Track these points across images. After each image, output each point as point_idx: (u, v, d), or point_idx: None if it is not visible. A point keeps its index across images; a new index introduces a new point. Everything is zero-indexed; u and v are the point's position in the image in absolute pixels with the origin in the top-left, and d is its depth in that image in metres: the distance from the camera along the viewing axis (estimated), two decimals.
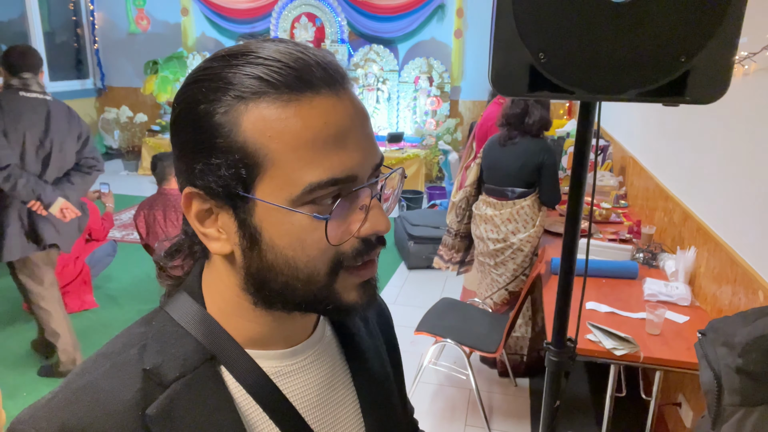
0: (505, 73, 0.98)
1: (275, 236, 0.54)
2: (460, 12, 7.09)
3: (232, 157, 0.52)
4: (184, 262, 0.66)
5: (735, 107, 2.20)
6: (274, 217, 0.54)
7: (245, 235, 0.55)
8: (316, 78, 0.53)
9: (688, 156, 2.76)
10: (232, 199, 0.54)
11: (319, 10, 7.21)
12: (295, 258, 0.54)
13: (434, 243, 4.63)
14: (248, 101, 0.52)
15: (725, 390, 0.70)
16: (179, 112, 0.55)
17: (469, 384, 2.89)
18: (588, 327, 2.10)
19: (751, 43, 1.96)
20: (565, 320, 1.32)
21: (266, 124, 0.51)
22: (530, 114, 2.97)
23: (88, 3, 8.19)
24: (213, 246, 0.57)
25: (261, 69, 0.52)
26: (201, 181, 0.54)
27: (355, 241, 0.56)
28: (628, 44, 0.92)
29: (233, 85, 0.52)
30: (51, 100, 2.86)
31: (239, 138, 0.52)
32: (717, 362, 0.72)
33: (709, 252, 2.32)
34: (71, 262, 3.79)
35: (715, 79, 0.93)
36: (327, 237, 0.53)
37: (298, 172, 0.52)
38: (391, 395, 0.75)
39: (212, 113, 0.52)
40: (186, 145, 0.55)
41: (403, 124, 7.49)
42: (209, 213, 0.57)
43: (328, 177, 0.52)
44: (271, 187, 0.53)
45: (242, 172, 0.52)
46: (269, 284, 0.56)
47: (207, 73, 0.54)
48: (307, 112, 0.52)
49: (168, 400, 0.55)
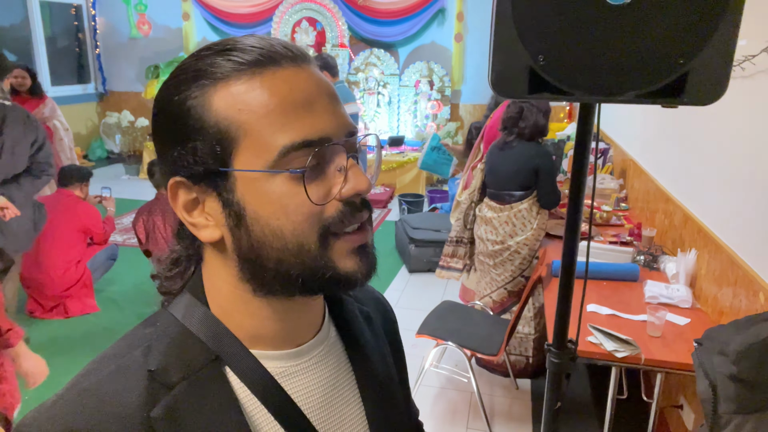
0: (505, 76, 0.99)
1: (258, 207, 0.55)
2: (461, 16, 7.11)
3: (207, 136, 0.54)
4: (183, 275, 0.65)
5: (734, 109, 2.21)
6: (254, 187, 0.55)
7: (230, 214, 0.56)
8: (278, 54, 0.56)
9: (688, 158, 2.76)
10: (213, 178, 0.56)
11: (320, 14, 7.24)
12: (281, 228, 0.55)
13: (435, 246, 4.64)
14: (217, 83, 0.54)
15: (721, 398, 0.71)
16: (157, 112, 0.58)
17: (471, 387, 2.89)
18: (589, 329, 2.11)
19: (750, 46, 1.97)
20: (565, 322, 1.32)
21: (234, 98, 0.54)
22: (524, 118, 3.00)
23: (89, 8, 8.23)
24: (203, 234, 0.58)
25: (229, 54, 0.55)
26: (181, 168, 0.56)
27: (339, 204, 0.57)
28: (626, 47, 0.93)
29: (203, 72, 0.55)
30: (9, 106, 3.02)
31: (211, 117, 0.54)
32: (713, 371, 0.72)
33: (710, 254, 2.32)
34: (73, 265, 3.79)
35: (713, 81, 0.94)
36: (307, 193, 0.54)
37: (270, 137, 0.54)
38: (395, 396, 0.75)
39: (184, 101, 0.55)
40: (164, 138, 0.57)
41: (404, 127, 7.51)
42: (196, 203, 0.58)
43: (301, 138, 0.54)
44: (247, 157, 0.54)
45: (217, 148, 0.54)
46: (263, 263, 0.57)
47: (181, 69, 0.57)
48: (271, 81, 0.54)
49: (173, 401, 0.55)
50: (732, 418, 0.70)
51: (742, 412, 0.69)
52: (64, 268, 3.73)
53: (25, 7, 7.36)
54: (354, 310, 0.75)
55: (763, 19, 1.92)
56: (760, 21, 1.93)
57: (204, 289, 0.62)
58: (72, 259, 3.79)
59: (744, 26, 0.91)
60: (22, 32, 7.40)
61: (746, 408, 0.68)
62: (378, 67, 7.31)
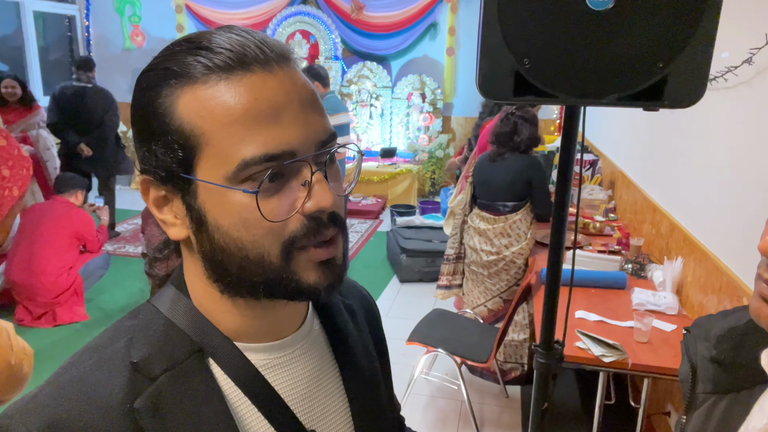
0: (491, 79, 1.02)
1: (218, 217, 0.54)
2: (452, 30, 7.20)
3: (170, 139, 0.54)
4: (172, 256, 0.66)
5: (717, 120, 2.26)
6: (214, 197, 0.54)
7: (193, 218, 0.56)
8: (248, 57, 0.53)
9: (674, 169, 2.81)
10: (176, 182, 0.55)
11: (314, 27, 7.30)
12: (241, 239, 0.54)
13: (427, 256, 4.66)
14: (184, 85, 0.53)
15: (699, 378, 0.73)
16: (132, 103, 0.58)
17: (461, 395, 2.90)
18: (577, 335, 2.13)
19: (732, 58, 2.02)
20: (552, 322, 1.34)
21: (198, 104, 0.53)
22: (518, 132, 3.06)
23: (83, 19, 8.25)
24: (171, 231, 0.58)
25: (199, 54, 0.53)
26: (148, 167, 0.56)
27: (302, 218, 0.55)
28: (608, 51, 0.96)
29: (172, 71, 0.54)
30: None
31: (175, 121, 0.53)
32: (695, 355, 0.75)
33: (696, 261, 2.36)
34: (65, 272, 3.78)
35: (692, 84, 0.97)
36: (260, 211, 0.53)
37: (231, 149, 0.52)
38: (378, 389, 0.76)
39: (154, 99, 0.54)
40: (136, 133, 0.57)
41: (396, 139, 7.56)
42: (166, 200, 0.58)
43: (262, 152, 0.52)
44: (208, 166, 0.53)
45: (180, 153, 0.54)
46: (226, 267, 0.56)
47: (154, 63, 0.56)
48: (237, 89, 0.52)
49: (156, 393, 0.55)
50: (708, 398, 0.72)
51: (718, 391, 0.71)
52: (56, 274, 3.71)
53: (18, 17, 7.37)
54: (338, 303, 0.75)
55: (744, 32, 1.98)
56: (742, 33, 1.98)
57: (186, 283, 0.62)
58: (64, 265, 3.77)
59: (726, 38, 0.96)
60: (15, 42, 7.41)
61: (722, 388, 0.71)
62: (370, 80, 7.38)
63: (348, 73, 7.39)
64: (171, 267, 0.67)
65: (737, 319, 0.70)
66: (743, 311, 0.61)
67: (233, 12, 7.63)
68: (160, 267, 0.67)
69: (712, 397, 0.71)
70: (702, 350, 0.73)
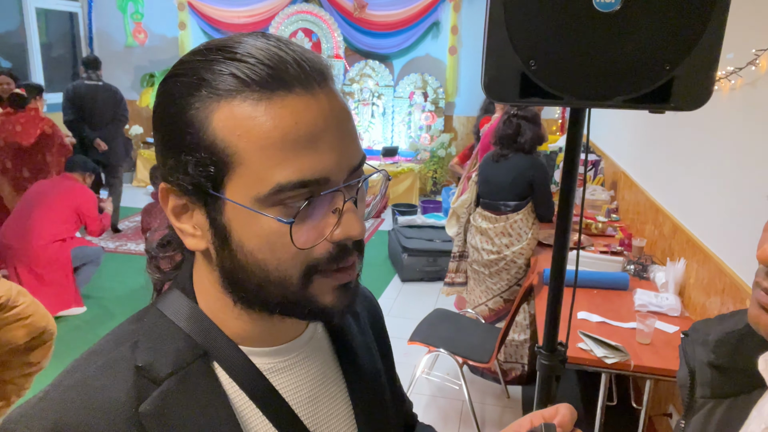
0: (497, 80, 1.01)
1: (244, 237, 0.53)
2: (455, 29, 7.19)
3: (202, 155, 0.52)
4: (174, 254, 0.66)
5: (722, 121, 2.26)
6: (242, 217, 0.53)
7: (216, 234, 0.55)
8: (290, 76, 0.51)
9: (677, 170, 2.80)
10: (203, 196, 0.54)
11: (316, 25, 7.30)
12: (265, 261, 0.54)
13: (428, 256, 4.66)
14: (220, 99, 0.51)
15: (697, 383, 0.73)
16: (156, 107, 0.56)
17: (462, 395, 2.90)
18: (579, 336, 2.13)
19: (737, 59, 2.02)
20: (555, 324, 1.34)
21: (236, 122, 0.51)
22: (522, 134, 3.06)
23: (85, 16, 8.25)
24: (188, 242, 0.57)
25: (236, 66, 0.51)
26: (172, 177, 0.54)
27: (329, 245, 0.55)
28: (614, 53, 0.96)
29: (206, 82, 0.51)
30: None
31: (209, 136, 0.51)
32: (693, 359, 0.74)
33: (699, 263, 2.36)
34: (57, 242, 3.75)
35: (698, 87, 0.97)
36: (292, 240, 0.52)
37: (266, 171, 0.51)
38: (383, 390, 0.76)
39: (185, 110, 0.52)
40: (162, 140, 0.55)
41: (398, 138, 7.56)
42: (185, 209, 0.56)
43: (297, 178, 0.51)
44: (239, 186, 0.52)
45: (211, 170, 0.52)
46: (244, 284, 0.56)
47: (184, 68, 0.54)
48: (278, 111, 0.51)
49: (161, 397, 0.55)
50: (706, 402, 0.72)
51: (716, 396, 0.71)
52: (48, 240, 3.69)
53: (20, 14, 7.37)
54: None
55: (750, 33, 1.97)
56: (747, 34, 1.98)
57: (193, 285, 0.62)
58: (58, 234, 3.76)
59: (731, 39, 0.95)
60: (17, 39, 7.41)
61: (720, 393, 0.70)
62: (373, 79, 7.37)
63: (350, 72, 7.39)
64: (174, 262, 0.66)
65: (735, 323, 0.70)
66: (741, 315, 0.60)
67: (236, 10, 7.62)
68: (164, 264, 0.66)
69: (710, 401, 0.71)
70: (700, 355, 0.73)
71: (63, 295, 3.83)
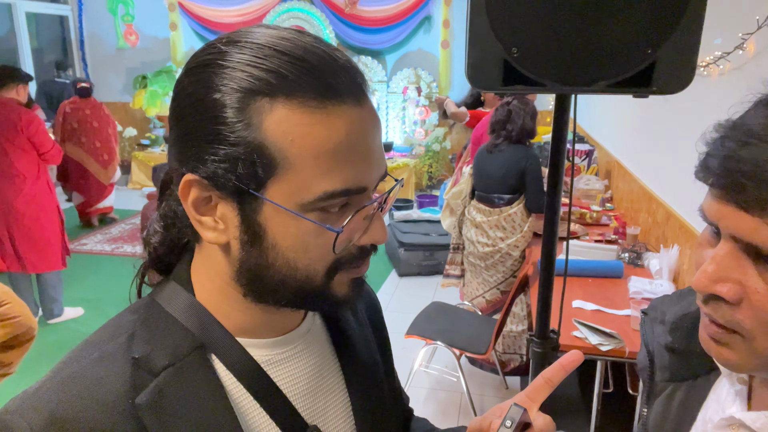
0: (480, 68, 1.02)
1: (279, 237, 0.54)
2: (447, 23, 7.18)
3: (247, 154, 0.51)
4: (168, 256, 0.65)
5: (711, 106, 2.26)
6: (281, 218, 0.53)
7: (248, 231, 0.54)
8: (342, 86, 0.52)
9: (668, 157, 2.81)
10: (241, 194, 0.53)
11: (308, 23, 7.28)
12: (296, 260, 0.55)
13: (425, 250, 4.66)
14: (274, 102, 0.50)
15: (657, 367, 0.72)
16: (189, 94, 0.53)
17: (461, 387, 2.90)
18: (574, 324, 2.13)
19: (725, 44, 2.02)
20: (547, 312, 1.35)
21: (290, 127, 0.50)
22: (512, 121, 3.06)
23: (76, 19, 8.22)
24: (207, 235, 0.56)
25: (286, 66, 0.50)
26: (207, 171, 0.52)
27: (353, 247, 0.57)
28: (596, 38, 0.96)
29: (255, 78, 0.50)
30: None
31: (258, 136, 0.50)
32: (652, 341, 0.73)
33: (692, 249, 2.36)
34: (32, 177, 3.60)
35: (680, 70, 0.97)
36: (334, 248, 0.55)
37: (314, 179, 0.52)
38: (380, 383, 0.76)
39: (229, 105, 0.50)
40: (194, 131, 0.52)
41: (393, 133, 7.55)
42: (208, 201, 0.55)
43: (343, 187, 0.52)
44: (283, 189, 0.52)
45: (258, 170, 0.51)
46: (264, 280, 0.56)
47: (225, 58, 0.52)
48: (333, 122, 0.51)
49: (158, 389, 0.55)
50: (666, 386, 0.71)
51: (675, 379, 0.71)
52: (24, 177, 3.55)
53: (11, 18, 7.34)
54: None
55: (736, 17, 1.97)
56: (734, 19, 1.98)
57: (191, 277, 0.62)
58: (31, 169, 3.58)
59: (718, 24, 0.95)
60: (8, 43, 7.38)
61: (678, 376, 0.70)
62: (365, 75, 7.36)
63: None
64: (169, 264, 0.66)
65: (689, 303, 0.69)
66: (695, 296, 0.59)
67: (226, 9, 7.60)
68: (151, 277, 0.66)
69: (670, 385, 0.71)
70: (659, 336, 0.72)
71: (47, 259, 3.70)
